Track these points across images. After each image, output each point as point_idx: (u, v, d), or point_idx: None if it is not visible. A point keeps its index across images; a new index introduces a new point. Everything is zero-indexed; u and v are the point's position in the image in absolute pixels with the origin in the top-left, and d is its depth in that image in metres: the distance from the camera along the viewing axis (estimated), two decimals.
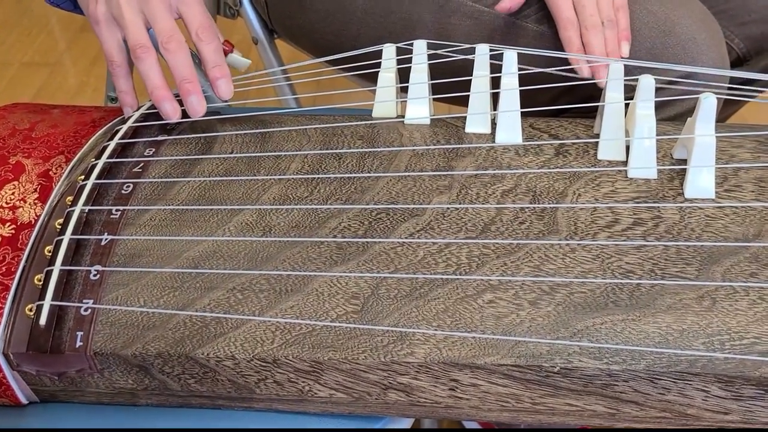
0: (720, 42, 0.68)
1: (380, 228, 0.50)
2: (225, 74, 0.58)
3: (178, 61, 0.57)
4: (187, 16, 0.58)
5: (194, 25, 0.58)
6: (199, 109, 0.57)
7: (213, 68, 0.58)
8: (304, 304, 0.47)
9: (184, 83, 0.57)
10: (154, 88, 0.57)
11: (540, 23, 0.67)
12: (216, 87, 0.58)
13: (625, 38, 0.64)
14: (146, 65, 0.57)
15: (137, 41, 0.57)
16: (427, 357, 0.45)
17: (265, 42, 0.86)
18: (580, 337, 0.45)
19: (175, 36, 0.57)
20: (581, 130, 0.58)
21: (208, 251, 0.49)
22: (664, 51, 0.65)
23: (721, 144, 0.55)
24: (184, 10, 0.58)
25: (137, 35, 0.57)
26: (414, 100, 0.58)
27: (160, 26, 0.57)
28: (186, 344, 0.46)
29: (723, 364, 0.44)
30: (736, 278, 0.47)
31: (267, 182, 0.53)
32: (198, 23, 0.58)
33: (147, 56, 0.57)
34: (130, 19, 0.57)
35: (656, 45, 0.65)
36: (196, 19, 0.58)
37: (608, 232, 0.50)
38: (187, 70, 0.57)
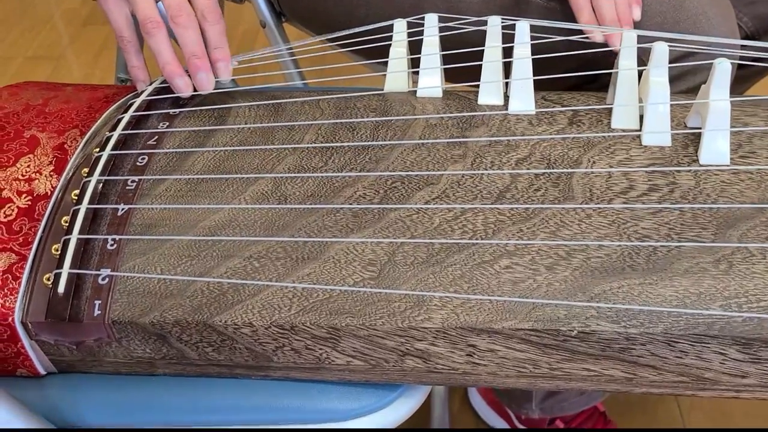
0: (730, 17, 0.68)
1: (395, 196, 0.50)
2: (226, 57, 0.58)
3: (188, 36, 0.57)
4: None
5: (201, 4, 0.58)
6: (208, 86, 0.57)
7: (215, 50, 0.57)
8: (321, 271, 0.47)
9: (193, 59, 0.57)
10: (165, 64, 0.57)
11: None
12: (216, 68, 0.58)
13: (635, 2, 0.63)
14: (157, 40, 0.57)
15: (147, 15, 0.57)
16: (444, 322, 0.45)
17: (272, 25, 0.86)
18: (597, 301, 0.45)
19: (185, 9, 0.57)
20: (594, 101, 0.58)
21: (225, 220, 0.49)
22: (675, 25, 0.64)
23: (735, 113, 0.55)
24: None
25: (147, 9, 0.57)
26: (426, 70, 0.58)
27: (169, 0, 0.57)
28: (204, 312, 0.46)
29: (740, 326, 0.44)
30: (752, 241, 0.47)
31: (282, 152, 0.53)
32: (204, 3, 0.58)
33: (157, 31, 0.57)
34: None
35: (667, 19, 0.64)
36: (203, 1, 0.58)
37: (624, 198, 0.50)
38: (197, 45, 0.57)
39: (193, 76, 0.57)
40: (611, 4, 0.63)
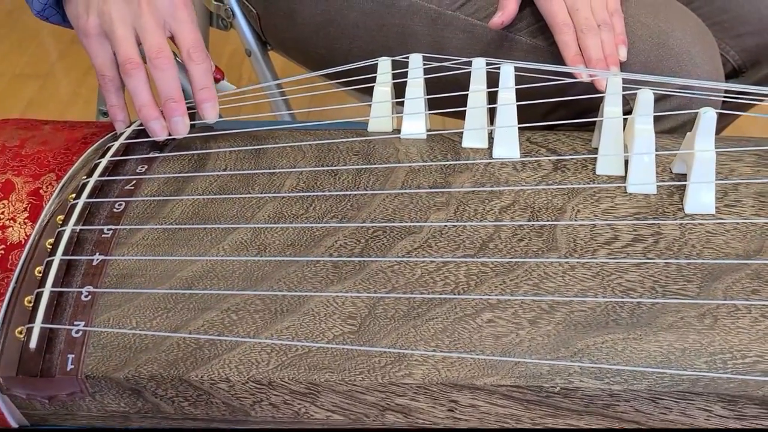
0: (714, 54, 0.68)
1: (377, 246, 0.49)
2: (212, 97, 0.57)
3: (165, 79, 0.56)
4: (179, 34, 0.57)
5: (186, 44, 0.57)
6: (183, 130, 0.57)
7: (201, 90, 0.57)
8: (300, 324, 0.46)
9: (169, 102, 0.56)
10: (142, 106, 0.56)
11: (534, 36, 0.67)
12: (202, 109, 0.57)
13: (621, 42, 0.63)
14: (135, 81, 0.56)
15: (127, 56, 0.56)
16: (425, 378, 0.44)
17: (258, 54, 0.86)
18: (580, 357, 0.45)
19: (164, 52, 0.56)
20: (579, 144, 0.57)
21: (202, 271, 0.48)
22: (659, 64, 0.64)
23: (721, 158, 0.55)
24: (176, 28, 0.57)
25: (128, 50, 0.56)
26: (410, 115, 0.58)
27: (150, 42, 0.56)
28: (179, 366, 0.45)
29: (725, 383, 0.44)
30: (737, 295, 0.46)
31: (262, 200, 0.52)
32: (190, 42, 0.57)
33: (137, 72, 0.56)
34: (122, 34, 0.56)
35: (650, 58, 0.64)
36: (188, 37, 0.57)
37: (608, 249, 0.49)
38: (174, 89, 0.56)
39: (168, 119, 0.56)
40: (598, 43, 0.62)
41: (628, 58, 0.64)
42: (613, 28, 0.64)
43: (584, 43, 0.63)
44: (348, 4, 0.71)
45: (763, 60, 0.82)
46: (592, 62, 0.62)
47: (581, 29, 0.63)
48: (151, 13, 0.56)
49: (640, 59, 0.65)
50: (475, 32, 0.69)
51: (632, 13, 0.66)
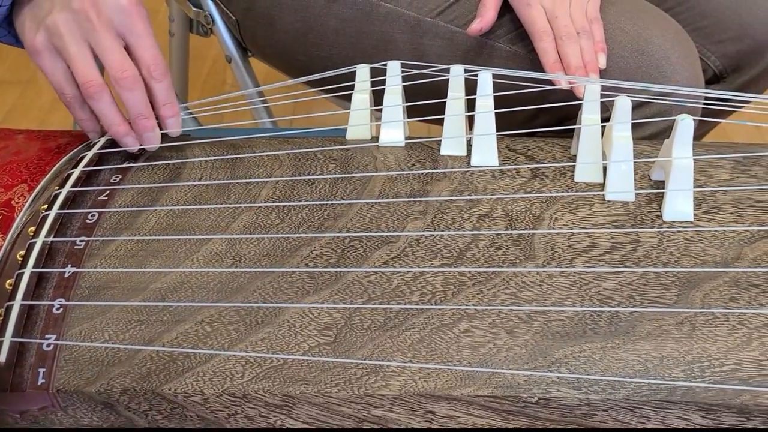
0: (694, 60, 0.68)
1: (353, 256, 0.49)
2: (175, 112, 0.56)
3: (133, 98, 0.54)
4: (138, 49, 0.54)
5: (146, 60, 0.54)
6: (155, 142, 0.55)
7: (164, 106, 0.55)
8: (275, 336, 0.46)
9: (140, 119, 0.54)
10: (112, 125, 0.54)
11: (513, 43, 0.67)
12: (165, 125, 0.56)
13: (601, 49, 0.63)
14: (100, 104, 0.54)
15: (87, 77, 0.53)
16: (402, 389, 0.44)
17: (238, 60, 0.85)
18: (558, 366, 0.44)
19: (128, 71, 0.53)
20: (558, 151, 0.57)
21: (176, 282, 0.48)
22: (638, 70, 0.64)
23: (699, 164, 0.55)
24: (133, 42, 0.54)
25: (86, 71, 0.53)
26: (388, 123, 0.57)
27: (110, 60, 0.53)
28: (152, 380, 0.45)
29: (703, 392, 0.43)
30: (715, 303, 0.46)
31: (237, 210, 0.52)
32: (150, 58, 0.54)
33: (100, 95, 0.53)
34: (76, 51, 0.53)
35: (630, 64, 0.64)
36: (147, 53, 0.54)
37: (586, 257, 0.49)
38: (143, 106, 0.54)
39: (140, 135, 0.55)
40: (577, 51, 0.62)
41: (608, 64, 0.64)
42: (593, 36, 0.63)
43: (563, 51, 0.62)
44: (327, 12, 0.71)
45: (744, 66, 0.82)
46: (572, 69, 0.62)
47: (560, 36, 0.62)
48: (104, 26, 0.53)
49: (620, 65, 0.65)
50: (455, 39, 0.68)
51: (612, 20, 0.66)
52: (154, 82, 0.55)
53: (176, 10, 0.91)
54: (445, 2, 0.68)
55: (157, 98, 0.55)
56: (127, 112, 0.55)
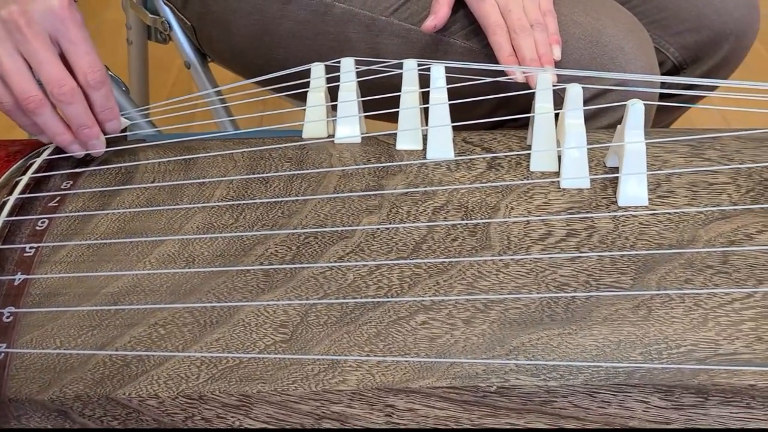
0: (649, 50, 0.68)
1: (308, 252, 0.48)
2: (114, 116, 0.55)
3: (74, 110, 0.53)
4: (73, 56, 0.53)
5: (82, 67, 0.53)
6: (102, 147, 0.55)
7: (103, 112, 0.54)
8: (231, 336, 0.45)
9: (82, 129, 0.53)
10: (56, 135, 0.53)
11: (468, 39, 0.67)
12: (104, 128, 0.55)
13: (555, 41, 0.63)
14: (42, 118, 0.52)
15: (25, 92, 0.51)
16: (359, 384, 0.44)
17: (197, 66, 0.85)
18: (516, 354, 0.44)
19: (67, 85, 0.52)
20: (515, 142, 0.57)
21: (128, 286, 0.47)
22: (592, 61, 0.64)
23: (654, 150, 0.55)
24: (67, 48, 0.53)
25: (23, 85, 0.51)
26: (343, 119, 0.57)
27: (46, 74, 0.52)
28: (106, 385, 0.44)
29: (661, 373, 0.43)
30: (671, 285, 0.46)
31: (190, 211, 0.51)
32: (86, 65, 0.53)
33: (41, 109, 0.52)
34: (10, 65, 0.51)
35: (584, 56, 0.64)
36: (83, 60, 0.53)
37: (542, 245, 0.49)
38: (85, 116, 0.53)
39: (84, 145, 0.54)
40: (531, 44, 0.62)
41: (562, 56, 0.64)
42: (547, 28, 0.64)
43: (517, 44, 0.62)
44: (282, 14, 0.71)
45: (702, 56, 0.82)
46: (526, 62, 0.62)
47: (514, 30, 0.63)
48: (36, 36, 0.51)
49: (574, 57, 0.65)
50: (410, 37, 0.68)
51: (565, 12, 0.66)
52: (91, 90, 0.53)
53: (133, 17, 0.90)
54: (398, 0, 0.68)
55: (95, 105, 0.54)
56: None
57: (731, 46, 0.82)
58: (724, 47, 0.82)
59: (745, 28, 0.82)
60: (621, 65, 0.65)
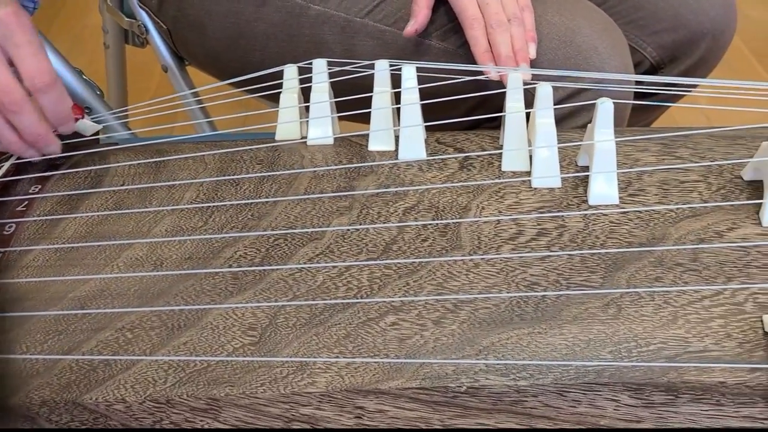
0: (623, 50, 0.68)
1: (278, 254, 0.48)
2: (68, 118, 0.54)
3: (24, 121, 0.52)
4: (19, 61, 0.51)
5: (28, 71, 0.51)
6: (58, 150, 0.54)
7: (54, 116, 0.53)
8: (198, 339, 0.45)
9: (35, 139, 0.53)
10: (9, 144, 0.53)
11: (443, 39, 0.67)
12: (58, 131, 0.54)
13: (531, 39, 0.63)
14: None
15: None
16: (329, 386, 0.43)
17: (175, 69, 0.84)
18: (486, 354, 0.44)
19: (12, 93, 0.51)
20: (487, 142, 0.57)
21: (96, 290, 0.47)
22: (566, 61, 0.64)
23: (626, 149, 0.55)
24: (14, 54, 0.51)
25: None
26: (315, 120, 0.57)
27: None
28: (73, 390, 0.44)
29: (631, 371, 0.43)
30: (640, 283, 0.46)
31: (159, 214, 0.51)
32: (32, 69, 0.51)
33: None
34: None
35: (558, 56, 0.64)
36: (29, 65, 0.51)
37: (512, 245, 0.49)
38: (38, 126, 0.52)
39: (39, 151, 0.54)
40: (507, 40, 0.62)
41: (537, 56, 0.64)
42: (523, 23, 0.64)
43: (494, 39, 0.62)
44: (256, 16, 0.71)
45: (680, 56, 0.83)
46: (502, 59, 0.62)
47: (491, 24, 0.62)
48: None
49: (548, 57, 0.65)
50: (385, 38, 0.68)
51: (539, 12, 0.66)
52: (40, 94, 0.52)
53: (110, 21, 0.89)
54: (372, 2, 0.68)
55: (46, 110, 0.53)
56: None
57: (708, 46, 0.82)
58: (701, 46, 0.82)
59: (722, 28, 0.82)
60: (595, 65, 0.65)
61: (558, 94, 0.64)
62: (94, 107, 0.72)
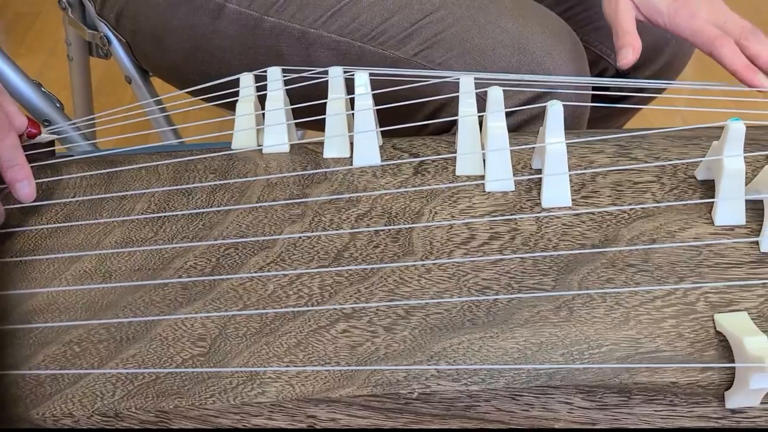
0: (578, 55, 0.68)
1: (228, 264, 0.48)
2: (25, 175, 0.51)
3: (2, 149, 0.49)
4: None
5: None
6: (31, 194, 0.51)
7: (10, 168, 0.50)
8: (147, 351, 0.44)
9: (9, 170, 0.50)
10: None
11: (397, 49, 0.66)
12: (16, 190, 0.51)
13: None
14: None
15: None
16: (279, 395, 0.43)
17: (138, 80, 0.84)
18: (437, 360, 0.44)
19: None
20: (443, 147, 0.57)
21: (43, 304, 0.46)
22: (520, 68, 0.64)
23: (581, 151, 0.55)
24: None
25: None
26: (271, 128, 0.57)
27: None
28: (19, 406, 0.43)
29: (582, 373, 0.43)
30: (592, 285, 0.46)
31: (109, 225, 0.50)
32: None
33: None
34: None
35: (512, 63, 0.64)
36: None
37: (464, 249, 0.48)
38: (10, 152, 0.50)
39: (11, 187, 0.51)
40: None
41: (489, 64, 0.64)
42: None
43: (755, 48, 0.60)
44: (212, 29, 0.70)
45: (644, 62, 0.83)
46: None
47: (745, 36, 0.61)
48: None
49: (501, 64, 0.64)
50: (341, 49, 0.68)
51: (492, 19, 0.66)
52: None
53: (72, 33, 0.89)
54: (326, 12, 0.68)
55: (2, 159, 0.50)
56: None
57: (672, 51, 0.82)
58: (665, 52, 0.82)
59: None
60: (549, 71, 0.65)
61: (518, 98, 0.64)
62: (53, 119, 0.72)
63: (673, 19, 0.63)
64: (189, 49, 0.72)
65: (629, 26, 0.64)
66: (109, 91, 1.45)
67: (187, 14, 0.70)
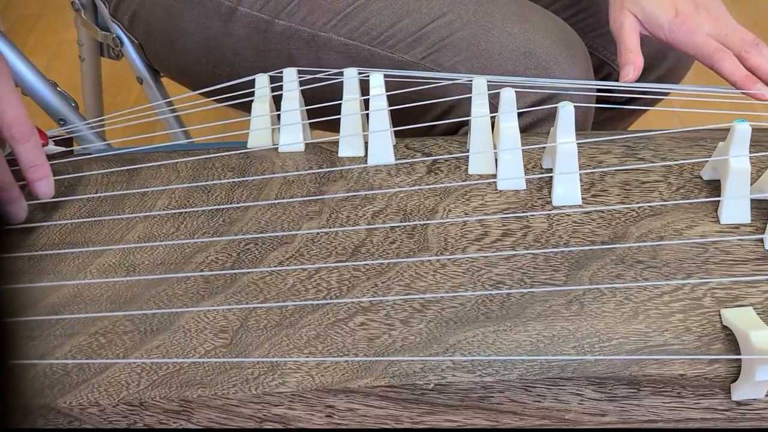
0: (584, 59, 0.69)
1: (248, 259, 0.49)
2: (45, 174, 0.52)
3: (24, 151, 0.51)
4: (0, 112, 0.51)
5: (7, 117, 0.50)
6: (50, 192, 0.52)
7: (31, 168, 0.52)
8: (171, 342, 0.46)
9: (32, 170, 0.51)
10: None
11: (405, 53, 0.68)
12: (34, 188, 0.52)
13: None
14: None
15: None
16: (299, 385, 0.44)
17: (150, 81, 0.85)
18: (452, 352, 0.45)
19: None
20: (455, 147, 0.58)
21: (69, 296, 0.48)
22: (526, 72, 0.65)
23: (590, 151, 0.56)
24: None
25: None
26: (286, 127, 0.58)
27: None
28: (47, 395, 0.44)
29: (593, 366, 0.45)
30: (602, 281, 0.47)
31: (132, 221, 0.52)
32: (11, 118, 0.50)
33: None
34: None
35: (518, 67, 0.65)
36: (6, 113, 0.50)
37: (478, 245, 0.50)
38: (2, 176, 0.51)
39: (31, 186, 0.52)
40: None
41: (496, 68, 0.65)
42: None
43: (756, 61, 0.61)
44: (224, 32, 0.72)
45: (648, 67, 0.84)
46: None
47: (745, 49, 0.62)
48: None
49: (508, 69, 0.66)
50: (350, 52, 0.69)
51: (498, 24, 0.67)
52: (16, 144, 0.51)
53: (84, 34, 0.90)
54: (336, 15, 0.69)
55: (21, 161, 0.52)
56: None
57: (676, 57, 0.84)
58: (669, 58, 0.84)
59: None
60: (555, 76, 0.66)
61: (525, 101, 0.66)
62: (68, 119, 0.73)
63: (673, 35, 0.65)
64: (201, 51, 0.73)
65: (632, 45, 0.65)
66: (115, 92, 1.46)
67: (199, 17, 0.72)
